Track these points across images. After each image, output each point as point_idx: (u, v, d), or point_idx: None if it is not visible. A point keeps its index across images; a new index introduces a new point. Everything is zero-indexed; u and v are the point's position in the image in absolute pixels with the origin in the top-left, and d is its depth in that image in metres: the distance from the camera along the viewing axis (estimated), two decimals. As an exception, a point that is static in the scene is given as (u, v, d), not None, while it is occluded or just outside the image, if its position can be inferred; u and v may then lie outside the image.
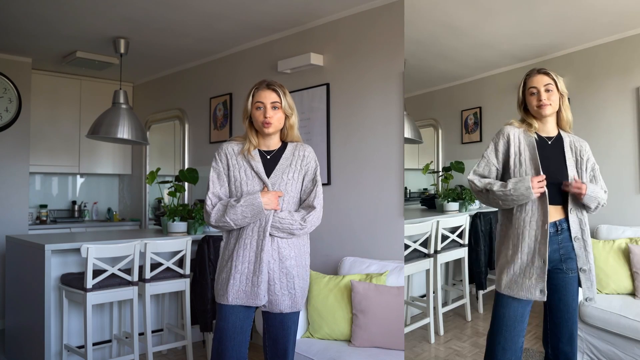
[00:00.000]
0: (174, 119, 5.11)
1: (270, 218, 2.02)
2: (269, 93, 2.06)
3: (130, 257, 3.16)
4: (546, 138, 2.12)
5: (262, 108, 2.05)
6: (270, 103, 2.05)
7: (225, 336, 2.03)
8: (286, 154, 2.14)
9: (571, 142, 2.13)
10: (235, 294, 2.03)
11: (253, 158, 2.10)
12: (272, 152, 2.14)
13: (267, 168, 2.11)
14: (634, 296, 2.87)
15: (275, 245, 2.05)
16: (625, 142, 3.13)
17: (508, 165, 2.10)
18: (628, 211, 3.15)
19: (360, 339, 2.66)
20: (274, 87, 2.08)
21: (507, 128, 2.13)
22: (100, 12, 3.52)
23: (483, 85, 3.87)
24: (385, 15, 3.27)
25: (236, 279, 2.03)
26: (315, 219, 2.09)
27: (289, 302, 2.07)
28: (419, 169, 4.02)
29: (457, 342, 3.33)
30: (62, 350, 3.30)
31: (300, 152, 2.15)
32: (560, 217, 2.07)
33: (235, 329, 2.04)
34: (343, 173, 3.51)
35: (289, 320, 2.11)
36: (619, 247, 2.99)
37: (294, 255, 2.08)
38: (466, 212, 3.78)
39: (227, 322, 2.04)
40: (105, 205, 5.85)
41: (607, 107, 3.19)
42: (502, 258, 2.10)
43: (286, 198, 2.08)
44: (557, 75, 2.10)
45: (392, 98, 3.22)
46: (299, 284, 2.09)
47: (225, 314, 2.05)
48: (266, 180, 2.06)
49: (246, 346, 2.08)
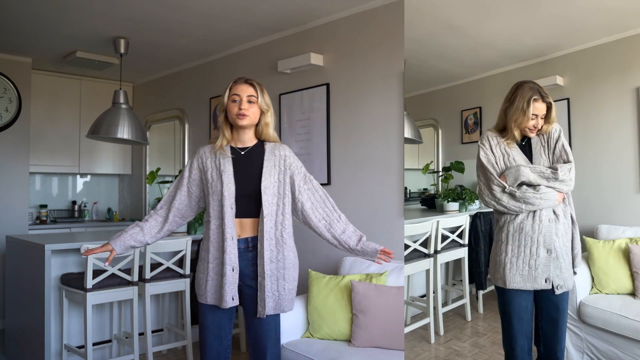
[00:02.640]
0: (174, 119, 5.11)
1: (229, 220, 2.03)
2: (246, 87, 2.07)
3: (130, 257, 3.16)
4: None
5: (238, 101, 2.05)
6: (246, 96, 2.05)
7: (204, 334, 2.10)
8: (267, 155, 2.12)
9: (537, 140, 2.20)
10: (209, 294, 2.08)
11: (224, 153, 2.09)
12: (247, 149, 2.13)
13: (239, 165, 2.10)
14: (634, 296, 2.87)
15: (249, 252, 2.08)
16: (625, 142, 3.13)
17: None
18: (628, 211, 3.15)
19: (360, 339, 2.66)
20: (251, 82, 2.10)
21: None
22: (100, 12, 3.52)
23: (483, 85, 3.87)
24: (385, 15, 3.26)
25: (207, 280, 2.08)
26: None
27: (264, 306, 2.04)
28: (419, 169, 4.02)
29: (457, 342, 3.33)
30: (62, 350, 3.30)
31: (281, 152, 2.14)
32: None
33: (214, 325, 2.09)
34: (343, 173, 3.51)
35: (266, 322, 2.10)
36: (619, 247, 2.99)
37: (270, 259, 2.06)
38: (466, 212, 3.78)
39: (204, 319, 2.10)
40: (105, 205, 5.85)
41: (607, 107, 3.20)
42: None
43: (272, 200, 2.07)
44: None
45: (392, 98, 3.22)
46: (274, 288, 2.06)
47: (203, 312, 2.11)
48: (232, 181, 2.05)
49: (227, 342, 2.12)
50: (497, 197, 2.09)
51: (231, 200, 2.03)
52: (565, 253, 2.10)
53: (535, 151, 2.16)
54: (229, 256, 2.01)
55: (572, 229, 2.14)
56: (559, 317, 2.14)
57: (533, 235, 2.07)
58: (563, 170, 2.05)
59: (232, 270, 2.02)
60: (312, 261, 3.63)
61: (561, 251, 2.09)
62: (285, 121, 3.88)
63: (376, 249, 2.11)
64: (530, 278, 2.09)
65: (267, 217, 2.05)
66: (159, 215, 2.18)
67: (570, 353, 2.89)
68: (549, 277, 2.07)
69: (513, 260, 2.10)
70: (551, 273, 2.07)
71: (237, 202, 2.05)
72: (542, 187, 2.05)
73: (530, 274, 2.08)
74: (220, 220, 2.05)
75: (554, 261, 2.07)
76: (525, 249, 2.09)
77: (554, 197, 2.05)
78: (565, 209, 2.11)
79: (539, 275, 2.07)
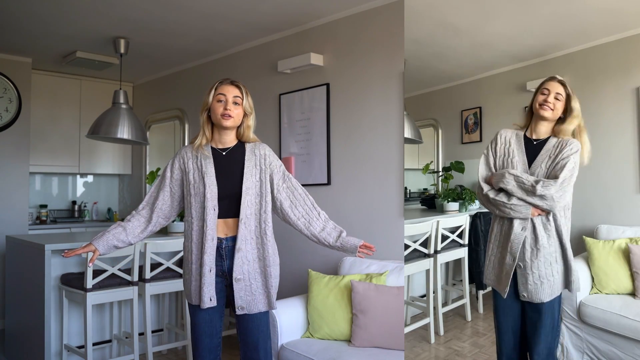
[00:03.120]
0: (174, 119, 5.11)
1: (210, 222, 2.04)
2: (232, 88, 2.08)
3: (130, 257, 3.16)
4: (534, 140, 2.15)
5: (223, 101, 2.06)
6: (232, 97, 2.06)
7: (196, 331, 2.12)
8: (247, 154, 2.14)
9: (557, 142, 2.09)
10: (193, 295, 2.11)
11: (205, 156, 2.10)
12: (228, 149, 2.15)
13: (221, 166, 2.11)
14: (634, 296, 2.87)
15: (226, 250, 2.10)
16: (625, 142, 3.13)
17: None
18: (628, 211, 3.15)
19: (360, 339, 2.66)
20: (237, 84, 2.11)
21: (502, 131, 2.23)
22: (100, 12, 3.52)
23: (483, 85, 3.87)
24: (385, 15, 3.26)
25: (191, 280, 2.10)
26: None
27: (255, 303, 2.09)
28: (419, 169, 4.02)
29: (457, 342, 3.33)
30: (62, 350, 3.30)
31: (261, 152, 2.16)
32: None
33: (205, 323, 2.11)
34: (343, 173, 3.51)
35: (257, 317, 2.13)
36: (619, 247, 2.99)
37: (256, 257, 2.11)
38: (466, 212, 3.78)
39: (196, 317, 2.13)
40: (105, 205, 5.85)
41: (607, 107, 3.19)
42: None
43: (255, 200, 2.11)
44: (574, 94, 2.11)
45: (392, 98, 3.22)
46: (262, 285, 2.11)
47: (193, 310, 2.14)
48: (214, 182, 2.07)
49: (218, 339, 2.15)
50: (480, 197, 2.17)
51: (214, 202, 2.06)
52: (537, 267, 2.02)
53: (539, 157, 2.08)
54: (208, 257, 2.05)
55: (560, 250, 2.05)
56: (539, 321, 2.08)
57: (505, 240, 2.08)
58: (544, 186, 1.95)
59: (210, 271, 2.05)
60: (312, 261, 3.63)
61: (531, 263, 2.02)
62: (285, 121, 3.88)
63: (355, 245, 2.12)
64: (498, 279, 2.12)
65: (251, 216, 2.09)
66: (141, 216, 2.17)
67: (570, 353, 2.89)
68: (513, 284, 2.08)
69: (492, 258, 2.15)
70: (518, 281, 2.07)
71: (220, 202, 2.07)
72: (514, 197, 2.01)
73: (499, 275, 2.11)
74: (202, 221, 2.07)
75: (521, 270, 2.05)
76: (498, 250, 2.13)
77: (525, 211, 1.99)
78: (547, 224, 2.02)
79: (503, 279, 2.09)
